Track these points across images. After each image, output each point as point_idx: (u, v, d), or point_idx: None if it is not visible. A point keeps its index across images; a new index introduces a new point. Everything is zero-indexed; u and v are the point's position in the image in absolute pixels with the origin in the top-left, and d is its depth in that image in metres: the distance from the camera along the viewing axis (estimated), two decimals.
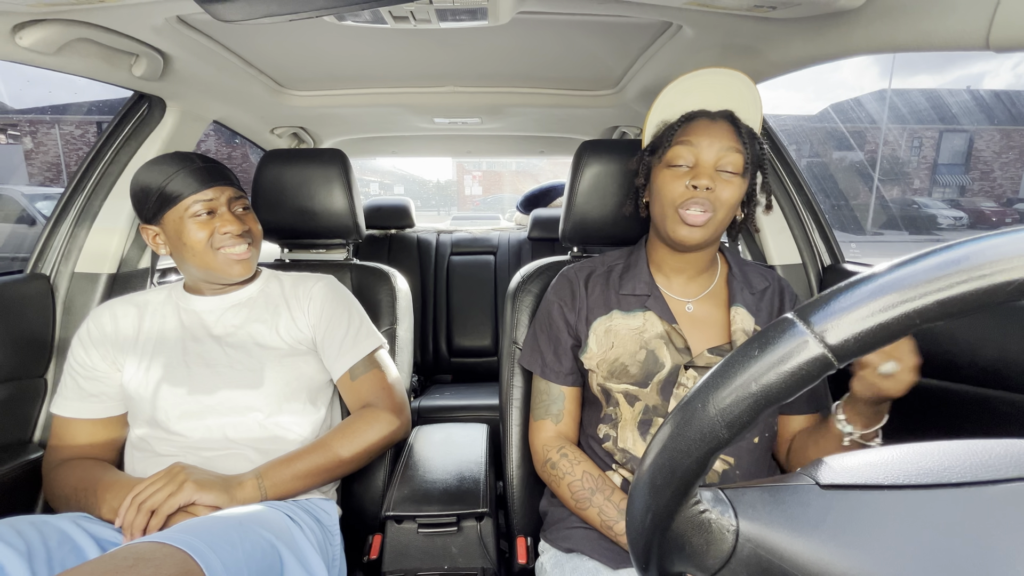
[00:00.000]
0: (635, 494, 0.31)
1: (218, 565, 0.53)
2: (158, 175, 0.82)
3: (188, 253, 0.83)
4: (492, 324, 2.05)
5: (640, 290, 0.78)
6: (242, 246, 0.86)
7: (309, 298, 0.93)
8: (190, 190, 0.82)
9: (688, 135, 0.72)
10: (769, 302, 0.80)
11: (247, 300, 0.92)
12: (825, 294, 0.26)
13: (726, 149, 0.70)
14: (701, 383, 0.28)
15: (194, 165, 0.84)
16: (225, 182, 0.86)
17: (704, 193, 0.70)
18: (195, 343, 0.86)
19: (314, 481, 0.79)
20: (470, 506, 0.83)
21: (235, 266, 0.86)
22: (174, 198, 0.81)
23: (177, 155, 0.85)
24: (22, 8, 0.72)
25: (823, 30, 0.76)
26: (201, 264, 0.84)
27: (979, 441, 0.31)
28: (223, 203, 0.85)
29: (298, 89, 1.33)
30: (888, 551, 0.26)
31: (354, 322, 0.93)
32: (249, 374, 0.84)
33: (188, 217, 0.82)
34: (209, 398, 0.82)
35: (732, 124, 0.72)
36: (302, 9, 0.63)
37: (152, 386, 0.83)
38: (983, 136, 19.40)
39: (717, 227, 0.73)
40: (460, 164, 29.34)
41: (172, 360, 0.84)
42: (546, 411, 0.82)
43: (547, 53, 1.10)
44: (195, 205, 0.82)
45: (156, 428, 0.82)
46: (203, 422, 0.81)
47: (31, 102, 13.67)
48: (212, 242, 0.84)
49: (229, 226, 0.84)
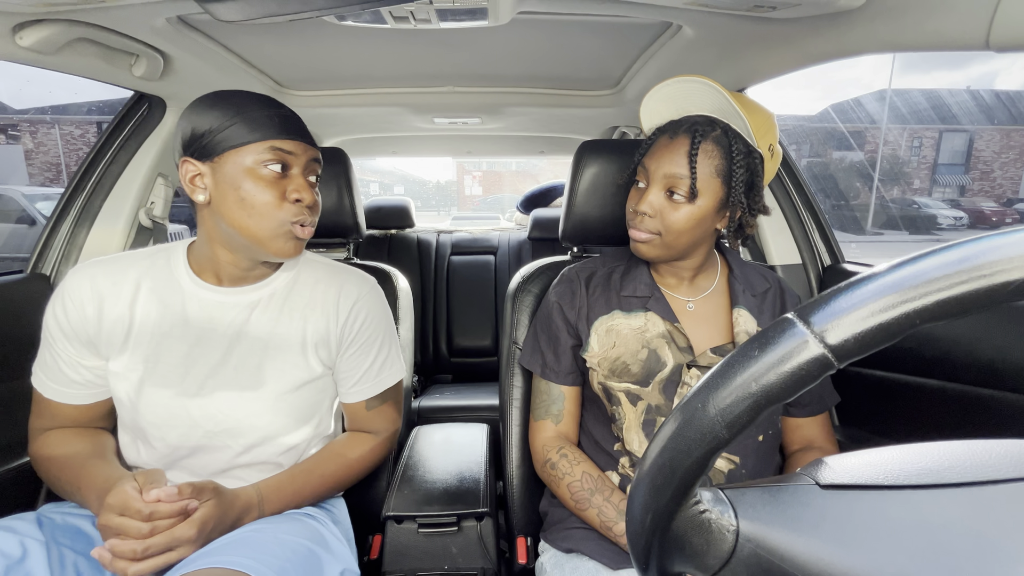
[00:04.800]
0: (635, 494, 0.31)
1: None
2: (229, 107, 0.66)
3: (240, 213, 0.66)
4: (492, 324, 2.05)
5: (641, 291, 0.79)
6: (307, 222, 0.71)
7: (349, 311, 0.79)
8: (273, 132, 0.66)
9: (648, 156, 0.73)
10: (771, 304, 0.80)
11: (270, 296, 0.76)
12: (825, 294, 0.26)
13: (671, 175, 0.69)
14: (701, 383, 0.28)
15: (278, 110, 0.69)
16: (308, 139, 0.71)
17: (645, 218, 0.72)
18: (199, 346, 0.72)
19: (307, 503, 0.76)
20: (470, 506, 0.83)
21: (290, 242, 0.70)
22: (248, 135, 0.65)
23: (257, 94, 0.69)
24: (22, 8, 0.72)
25: (823, 30, 0.76)
26: (253, 231, 0.67)
27: (979, 441, 0.31)
28: (301, 163, 0.69)
29: (298, 89, 1.33)
30: (888, 551, 0.26)
31: (383, 349, 0.84)
32: (255, 381, 0.73)
33: (258, 165, 0.66)
34: (202, 405, 0.71)
35: (692, 141, 0.68)
36: (302, 9, 0.63)
37: (135, 389, 0.71)
38: (983, 136, 19.40)
39: (670, 246, 0.73)
40: (460, 164, 29.34)
41: (166, 360, 0.71)
42: (546, 411, 0.82)
43: (547, 53, 1.10)
44: (268, 153, 0.66)
45: (138, 436, 0.73)
46: (193, 432, 0.71)
47: (31, 102, 13.66)
48: (279, 209, 0.67)
49: (304, 193, 0.68)
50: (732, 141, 0.69)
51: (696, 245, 0.75)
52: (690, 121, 0.70)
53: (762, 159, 0.71)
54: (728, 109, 0.69)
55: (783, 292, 0.82)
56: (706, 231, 0.73)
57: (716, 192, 0.70)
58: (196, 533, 0.59)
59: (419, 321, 2.05)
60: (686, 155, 0.69)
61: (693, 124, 0.70)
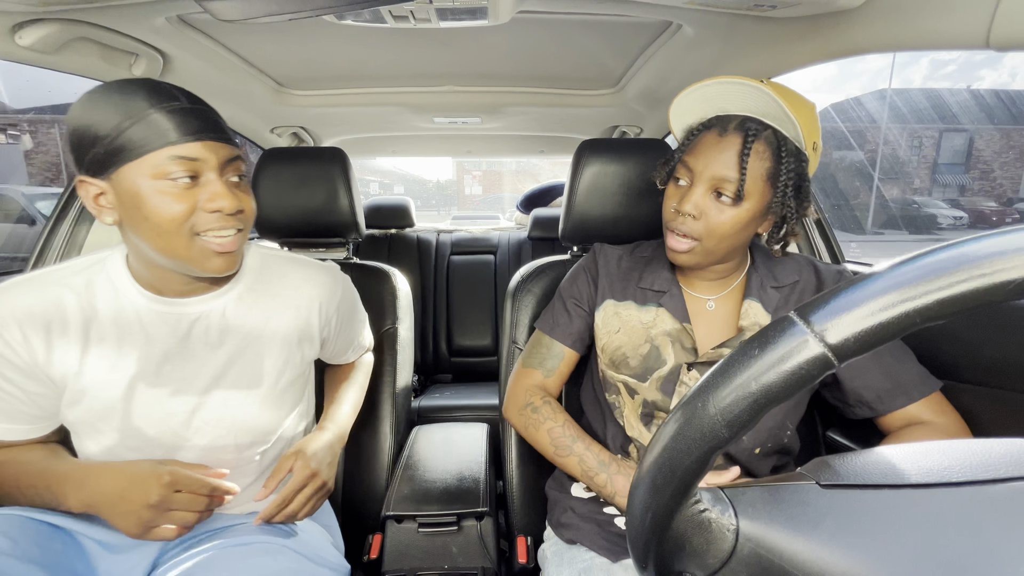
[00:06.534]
0: (635, 493, 0.31)
1: None
2: (115, 109, 0.55)
3: (148, 231, 0.57)
4: (492, 324, 2.05)
5: (658, 286, 0.77)
6: (230, 232, 0.61)
7: (327, 307, 0.78)
8: (164, 139, 0.55)
9: (691, 152, 0.68)
10: (799, 298, 0.74)
11: (237, 299, 0.70)
12: (825, 293, 0.26)
13: (719, 177, 0.65)
14: (701, 382, 0.28)
15: (175, 103, 0.57)
16: (219, 135, 0.60)
17: (688, 219, 0.67)
18: (168, 362, 0.66)
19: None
20: (470, 505, 0.83)
21: (215, 259, 0.61)
22: (137, 147, 0.54)
23: (148, 83, 0.57)
24: (22, 7, 0.72)
25: (823, 29, 0.76)
26: (165, 249, 0.58)
27: (979, 441, 0.31)
28: (213, 167, 0.59)
29: (298, 89, 1.33)
30: (888, 550, 0.26)
31: (359, 322, 0.92)
32: (240, 382, 0.70)
33: (160, 178, 0.56)
34: (186, 421, 0.68)
35: (744, 141, 0.64)
36: (302, 9, 0.63)
37: (140, 396, 0.66)
38: (983, 135, 19.40)
39: (710, 253, 0.69)
40: (460, 164, 29.34)
41: (142, 379, 0.65)
42: (540, 363, 0.81)
43: (547, 52, 1.10)
44: (169, 163, 0.55)
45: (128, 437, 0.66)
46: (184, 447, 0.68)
47: (31, 102, 13.64)
48: (192, 222, 0.58)
49: (220, 200, 0.58)
50: (781, 143, 0.65)
51: (738, 251, 0.71)
52: (740, 119, 0.66)
53: (808, 160, 0.66)
54: (777, 112, 0.63)
55: (820, 286, 0.74)
56: (748, 236, 0.69)
57: (763, 195, 0.66)
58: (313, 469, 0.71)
59: (419, 321, 2.05)
60: (737, 155, 0.64)
61: (744, 122, 0.65)
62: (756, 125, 0.64)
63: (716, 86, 0.67)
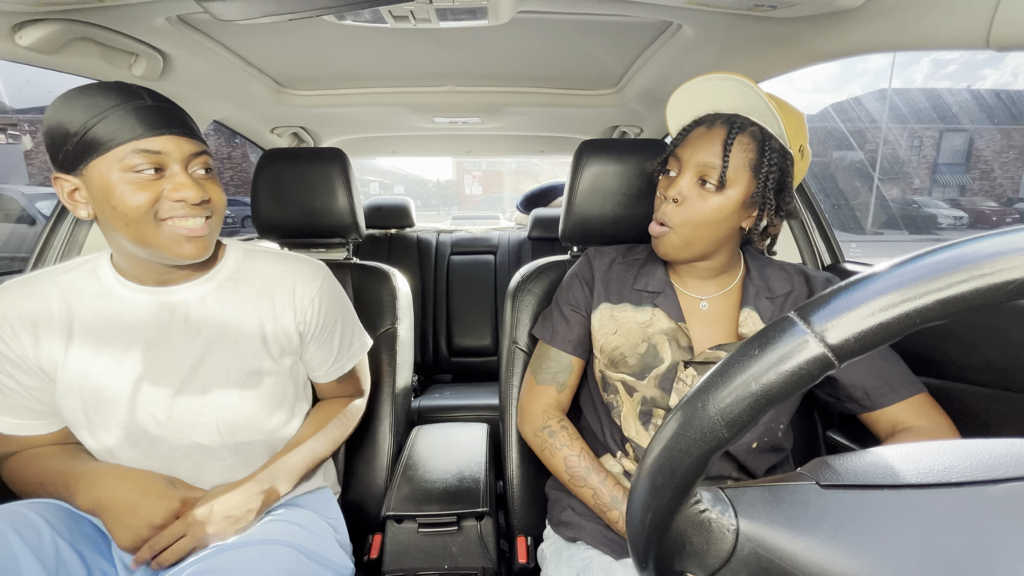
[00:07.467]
0: (635, 494, 0.31)
1: None
2: (84, 109, 0.60)
3: (118, 221, 0.62)
4: (492, 324, 2.05)
5: (653, 287, 0.79)
6: (198, 219, 0.65)
7: (308, 305, 0.78)
8: (129, 134, 0.60)
9: (682, 146, 0.73)
10: (792, 307, 0.76)
11: (217, 289, 0.73)
12: (825, 293, 0.26)
13: (704, 163, 0.69)
14: (701, 382, 0.28)
15: (140, 102, 0.62)
16: (183, 130, 0.64)
17: (670, 204, 0.71)
18: (150, 350, 0.69)
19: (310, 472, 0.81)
20: (470, 506, 0.83)
21: (186, 244, 0.65)
22: (103, 143, 0.59)
23: (115, 85, 0.62)
24: (22, 7, 0.72)
25: (823, 29, 0.76)
26: (137, 237, 0.63)
27: (979, 441, 0.31)
28: (178, 160, 0.63)
29: (298, 89, 1.33)
30: (888, 551, 0.26)
31: (346, 329, 0.86)
32: (216, 377, 0.72)
33: (122, 171, 0.60)
34: (167, 409, 0.70)
35: (729, 131, 0.68)
36: (302, 9, 0.63)
37: (122, 384, 0.69)
38: (983, 135, 19.40)
39: (686, 243, 0.72)
40: (460, 164, 29.34)
41: (124, 370, 0.68)
42: (552, 378, 0.82)
43: (547, 52, 1.10)
44: (134, 156, 0.60)
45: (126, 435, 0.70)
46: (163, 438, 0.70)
47: (31, 102, 13.65)
48: (156, 210, 0.62)
49: (184, 191, 0.62)
50: (766, 139, 0.69)
51: (719, 244, 0.73)
52: (728, 115, 0.71)
53: (792, 160, 0.70)
54: (762, 109, 0.68)
55: (812, 293, 0.77)
56: (731, 228, 0.72)
57: (746, 185, 0.69)
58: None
59: (419, 321, 2.05)
60: (721, 144, 0.68)
61: (731, 116, 0.70)
62: (743, 120, 0.69)
63: (707, 82, 0.71)
